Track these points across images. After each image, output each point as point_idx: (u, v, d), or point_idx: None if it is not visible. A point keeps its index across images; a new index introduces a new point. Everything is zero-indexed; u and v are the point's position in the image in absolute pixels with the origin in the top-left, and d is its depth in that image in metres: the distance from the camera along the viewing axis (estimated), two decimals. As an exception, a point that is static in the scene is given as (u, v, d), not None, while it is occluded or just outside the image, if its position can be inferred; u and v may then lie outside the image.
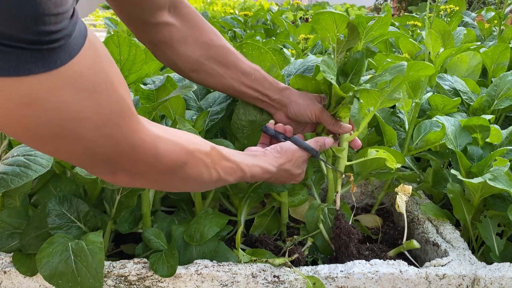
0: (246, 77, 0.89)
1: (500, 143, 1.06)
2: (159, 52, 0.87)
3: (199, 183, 0.68)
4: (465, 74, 1.51)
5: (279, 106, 0.93)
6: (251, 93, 0.91)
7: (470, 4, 5.20)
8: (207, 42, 0.87)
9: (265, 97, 0.92)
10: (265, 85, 0.91)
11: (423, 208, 1.04)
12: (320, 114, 0.92)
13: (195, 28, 0.86)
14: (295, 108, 0.92)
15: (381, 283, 0.83)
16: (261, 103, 0.93)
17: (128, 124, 0.50)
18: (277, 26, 2.84)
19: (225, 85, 0.90)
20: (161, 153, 0.57)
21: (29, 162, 0.78)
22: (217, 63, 0.88)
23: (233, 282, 0.81)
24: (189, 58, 0.86)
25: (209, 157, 0.67)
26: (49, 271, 0.74)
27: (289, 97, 0.92)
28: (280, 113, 0.94)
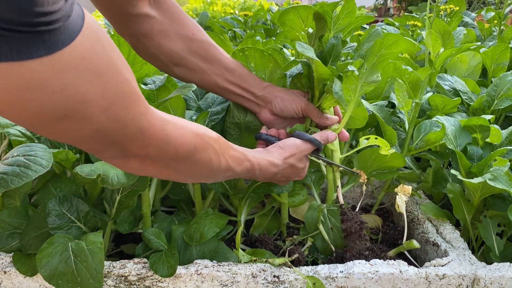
0: (230, 73, 0.88)
1: (500, 143, 1.06)
2: (140, 45, 0.84)
3: (209, 170, 0.68)
4: (465, 74, 1.51)
5: (264, 103, 0.92)
6: (234, 90, 0.89)
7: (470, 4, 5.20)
8: (189, 36, 0.85)
9: (249, 94, 0.90)
10: (249, 82, 0.89)
11: (423, 208, 1.04)
12: (306, 107, 0.90)
13: (176, 21, 0.84)
14: (280, 103, 0.90)
15: (381, 283, 0.83)
16: (245, 100, 0.91)
17: (136, 106, 0.50)
18: (277, 26, 2.83)
19: (208, 81, 0.88)
20: (171, 136, 0.57)
21: (29, 162, 0.78)
22: (200, 58, 0.86)
23: (233, 282, 0.81)
24: (171, 51, 0.84)
25: (218, 144, 0.67)
26: (49, 271, 0.74)
27: (273, 93, 0.91)
28: (265, 110, 0.92)
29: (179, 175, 0.67)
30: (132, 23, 0.81)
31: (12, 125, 0.87)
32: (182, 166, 0.63)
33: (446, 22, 1.51)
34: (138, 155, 0.55)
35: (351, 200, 1.32)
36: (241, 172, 0.74)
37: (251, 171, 0.76)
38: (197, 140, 0.62)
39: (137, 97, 0.50)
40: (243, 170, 0.74)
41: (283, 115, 0.92)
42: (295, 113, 0.91)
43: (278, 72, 0.96)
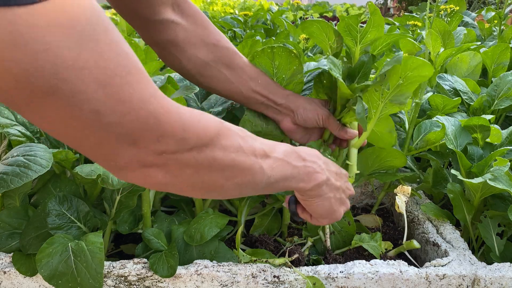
0: (253, 81, 0.86)
1: (500, 143, 1.06)
2: (166, 54, 0.83)
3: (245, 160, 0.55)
4: (465, 74, 1.51)
5: (286, 112, 0.89)
6: (258, 98, 0.87)
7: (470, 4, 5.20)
8: (213, 43, 0.83)
9: (271, 102, 0.88)
10: (271, 90, 0.87)
11: (423, 208, 1.04)
12: (327, 119, 0.88)
13: (200, 27, 0.82)
14: (303, 114, 0.88)
15: (381, 283, 0.83)
16: (267, 108, 0.89)
17: (142, 85, 0.42)
18: (277, 26, 2.84)
19: (233, 90, 0.86)
20: (188, 122, 0.47)
21: (29, 162, 0.78)
22: (224, 66, 0.84)
23: (233, 282, 0.81)
24: (196, 59, 0.82)
25: (241, 130, 0.57)
26: (49, 272, 0.74)
27: (295, 102, 0.89)
28: (287, 119, 0.90)
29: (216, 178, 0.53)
30: (157, 31, 0.79)
31: (12, 125, 0.87)
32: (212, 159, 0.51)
33: (446, 22, 1.51)
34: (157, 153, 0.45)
35: (351, 200, 1.32)
36: (282, 155, 0.61)
37: (292, 153, 0.64)
38: (218, 125, 0.52)
39: (142, 75, 0.42)
40: (283, 152, 0.61)
41: (305, 125, 0.90)
42: (317, 124, 0.89)
43: (298, 76, 0.93)
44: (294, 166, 0.63)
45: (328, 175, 0.70)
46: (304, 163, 0.65)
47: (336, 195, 0.73)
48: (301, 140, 0.93)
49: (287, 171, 0.62)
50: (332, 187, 0.71)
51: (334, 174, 0.73)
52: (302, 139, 0.93)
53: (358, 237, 0.99)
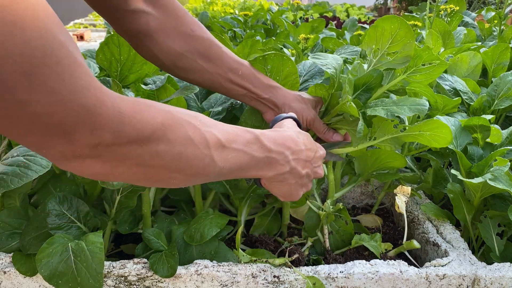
0: (233, 72, 0.83)
1: (501, 143, 1.06)
2: (140, 45, 0.81)
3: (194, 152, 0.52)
4: (465, 74, 1.51)
5: (271, 106, 0.87)
6: (238, 90, 0.85)
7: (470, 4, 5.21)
8: (187, 33, 0.80)
9: (254, 94, 0.86)
10: (254, 82, 0.85)
11: (423, 208, 1.04)
12: (312, 122, 0.87)
13: (173, 17, 0.80)
14: (287, 111, 0.86)
15: (381, 283, 0.83)
16: (250, 100, 0.87)
17: (74, 75, 0.39)
18: (277, 26, 2.84)
19: (211, 81, 0.84)
20: (126, 114, 0.44)
21: (29, 162, 0.78)
22: (201, 56, 0.81)
23: (233, 282, 0.81)
24: (170, 49, 0.80)
25: (197, 120, 0.54)
26: (48, 271, 0.74)
27: (282, 98, 0.86)
28: (271, 113, 0.88)
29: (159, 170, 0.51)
30: (128, 21, 0.78)
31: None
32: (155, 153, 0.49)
33: (446, 22, 1.51)
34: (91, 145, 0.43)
35: (351, 200, 1.32)
36: (242, 146, 0.59)
37: (255, 143, 0.62)
38: (165, 115, 0.49)
39: (77, 66, 0.40)
40: (244, 142, 0.60)
41: None
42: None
43: (293, 77, 0.93)
44: (253, 156, 0.61)
45: (293, 165, 0.69)
46: (267, 153, 0.64)
47: (298, 181, 0.72)
48: None
49: (244, 162, 0.60)
50: (296, 175, 0.70)
51: (303, 161, 0.71)
52: None
53: (358, 237, 0.99)
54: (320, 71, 1.04)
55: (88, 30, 5.40)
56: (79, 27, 6.14)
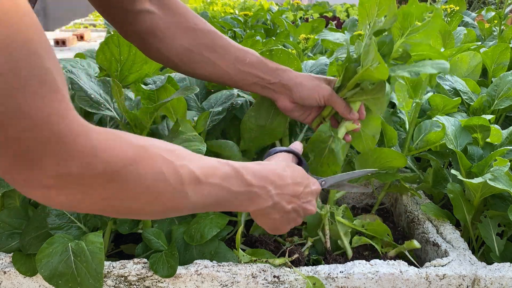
0: (240, 61, 0.83)
1: (501, 143, 1.06)
2: (145, 45, 0.81)
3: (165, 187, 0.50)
4: (465, 74, 1.51)
5: (282, 90, 0.85)
6: (248, 78, 0.84)
7: (470, 4, 5.21)
8: (192, 27, 0.81)
9: (264, 81, 0.84)
10: (263, 69, 0.84)
11: (423, 208, 1.04)
12: (330, 97, 0.84)
13: (178, 15, 0.81)
14: (301, 91, 0.84)
15: (381, 283, 0.83)
16: (261, 89, 0.86)
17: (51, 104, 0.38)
18: (277, 26, 2.83)
19: (220, 73, 0.83)
20: (99, 147, 0.43)
21: (29, 162, 0.78)
22: (207, 49, 0.81)
23: (233, 283, 0.81)
24: (177, 46, 0.80)
25: (173, 153, 0.51)
26: (48, 271, 0.74)
27: (293, 80, 0.84)
28: (284, 98, 0.86)
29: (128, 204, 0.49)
30: (134, 22, 0.79)
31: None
32: (123, 188, 0.47)
33: (446, 22, 1.51)
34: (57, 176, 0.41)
35: (351, 200, 1.32)
36: (220, 180, 0.56)
37: (235, 177, 0.58)
38: (137, 150, 0.47)
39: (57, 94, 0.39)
40: (222, 176, 0.56)
41: (304, 104, 0.86)
42: (317, 103, 0.85)
43: None
44: (232, 191, 0.58)
45: (276, 200, 0.65)
46: (247, 187, 0.60)
47: (284, 216, 0.69)
48: (300, 118, 0.90)
49: (221, 196, 0.57)
50: (280, 210, 0.67)
51: (288, 196, 0.67)
52: (302, 117, 0.90)
53: (358, 238, 0.99)
54: (322, 71, 1.04)
55: (88, 30, 5.41)
56: (79, 27, 6.14)
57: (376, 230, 0.98)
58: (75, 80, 0.90)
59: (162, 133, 1.01)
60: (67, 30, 5.88)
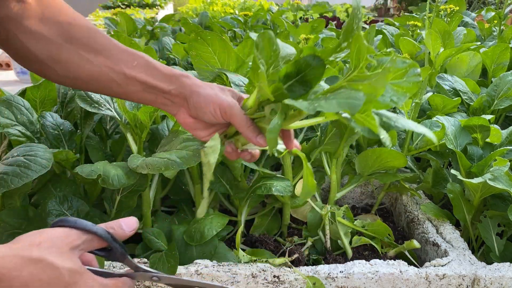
0: (125, 64, 0.67)
1: (500, 143, 1.06)
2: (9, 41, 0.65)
3: None
4: (465, 74, 1.51)
5: (179, 101, 0.69)
6: (135, 85, 0.68)
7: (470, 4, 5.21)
8: (68, 21, 0.66)
9: (155, 89, 0.68)
10: (154, 73, 0.68)
11: (423, 208, 1.04)
12: (230, 109, 0.65)
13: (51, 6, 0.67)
14: (196, 101, 0.67)
15: (381, 283, 0.83)
16: (155, 99, 0.69)
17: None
18: (277, 26, 2.84)
19: (98, 76, 0.67)
20: None
21: (29, 162, 0.78)
22: (83, 46, 0.66)
23: (233, 282, 0.81)
24: (46, 39, 0.65)
25: None
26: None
27: (190, 87, 0.68)
28: (183, 110, 0.70)
29: None
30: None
31: (12, 125, 0.87)
32: None
33: (446, 22, 1.51)
34: None
35: (351, 200, 1.32)
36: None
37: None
38: None
39: None
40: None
41: (198, 117, 0.69)
42: (212, 116, 0.67)
43: None
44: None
45: None
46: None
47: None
48: (206, 138, 0.71)
49: None
50: None
51: None
52: (206, 138, 0.71)
53: (358, 238, 0.99)
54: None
55: (88, 30, 5.40)
56: (79, 27, 6.12)
57: (377, 230, 0.98)
58: (75, 80, 0.90)
59: (162, 133, 1.01)
60: (67, 30, 5.87)
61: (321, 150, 1.05)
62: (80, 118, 1.00)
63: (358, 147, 1.20)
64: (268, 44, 0.60)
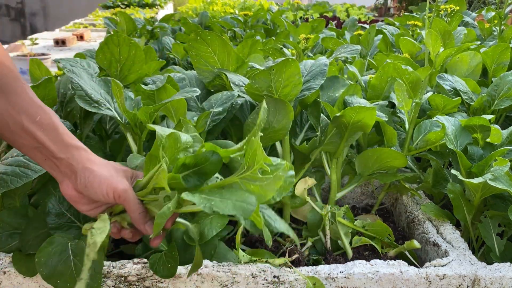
0: (28, 116, 0.64)
1: (501, 143, 1.06)
2: None
3: None
4: (466, 74, 1.51)
5: (67, 172, 0.66)
6: (29, 140, 0.64)
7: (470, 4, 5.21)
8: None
9: (47, 152, 0.65)
10: (52, 136, 0.65)
11: (423, 208, 1.04)
12: (124, 194, 0.65)
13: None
14: (88, 178, 0.65)
15: (381, 283, 0.83)
16: (43, 160, 0.66)
17: None
18: (277, 26, 2.84)
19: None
20: None
21: (28, 162, 0.78)
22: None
23: (233, 283, 0.81)
24: None
25: None
26: (48, 271, 0.74)
27: (83, 163, 0.66)
28: (67, 183, 0.67)
29: None
30: None
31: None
32: None
33: (446, 22, 1.51)
34: None
35: (351, 200, 1.32)
36: None
37: None
38: None
39: None
40: None
41: (89, 196, 0.67)
42: (103, 198, 0.66)
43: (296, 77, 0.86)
44: None
45: None
46: None
47: None
48: (90, 213, 0.70)
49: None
50: None
51: None
52: (92, 212, 0.70)
53: (358, 238, 0.99)
54: (322, 71, 1.03)
55: (87, 30, 5.40)
56: (79, 27, 6.13)
57: (377, 230, 0.98)
58: (75, 80, 0.90)
59: (162, 133, 1.01)
60: (67, 30, 5.88)
61: (321, 150, 1.05)
62: (80, 118, 1.00)
63: (358, 147, 1.20)
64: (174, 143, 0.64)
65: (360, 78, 1.33)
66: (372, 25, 1.95)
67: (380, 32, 2.11)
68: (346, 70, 1.42)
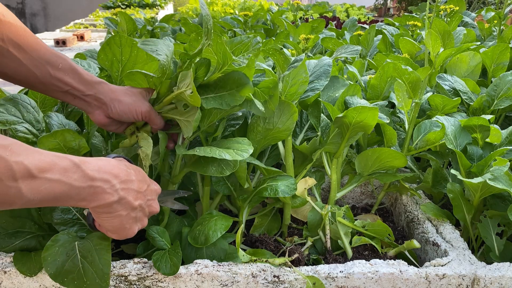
0: (51, 65, 0.75)
1: (500, 143, 1.06)
2: None
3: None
4: (465, 74, 1.51)
5: (97, 104, 0.81)
6: (59, 85, 0.77)
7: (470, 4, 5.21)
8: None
9: (77, 91, 0.78)
10: (76, 77, 0.78)
11: (423, 208, 1.04)
12: (148, 114, 0.83)
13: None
14: (118, 108, 0.81)
15: (381, 283, 0.83)
16: (74, 99, 0.80)
17: None
18: (277, 26, 2.84)
19: (26, 74, 0.74)
20: None
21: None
22: (12, 44, 0.71)
23: (233, 282, 0.82)
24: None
25: (7, 150, 0.50)
26: (55, 269, 0.74)
27: (109, 94, 0.80)
28: (99, 112, 0.82)
29: None
30: None
31: (19, 123, 0.87)
32: None
33: (446, 22, 1.51)
34: None
35: (351, 200, 1.32)
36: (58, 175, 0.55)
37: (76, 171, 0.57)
38: None
39: None
40: (61, 171, 0.56)
41: (121, 119, 0.83)
42: (135, 119, 0.83)
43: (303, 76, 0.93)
44: (72, 186, 0.57)
45: (122, 195, 0.64)
46: (90, 182, 0.59)
47: (131, 213, 0.68)
48: (116, 130, 0.87)
49: (60, 191, 0.56)
50: (126, 206, 0.66)
51: (134, 192, 0.67)
52: (117, 130, 0.87)
53: (358, 237, 0.99)
54: (326, 72, 1.04)
55: (88, 30, 5.41)
56: (80, 27, 6.14)
57: (377, 230, 0.99)
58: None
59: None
60: (67, 30, 5.88)
61: (323, 151, 1.05)
62: (87, 118, 1.01)
63: (358, 147, 1.20)
64: None
65: (359, 78, 1.33)
66: (372, 25, 1.96)
67: (380, 32, 2.11)
68: (346, 70, 1.43)
